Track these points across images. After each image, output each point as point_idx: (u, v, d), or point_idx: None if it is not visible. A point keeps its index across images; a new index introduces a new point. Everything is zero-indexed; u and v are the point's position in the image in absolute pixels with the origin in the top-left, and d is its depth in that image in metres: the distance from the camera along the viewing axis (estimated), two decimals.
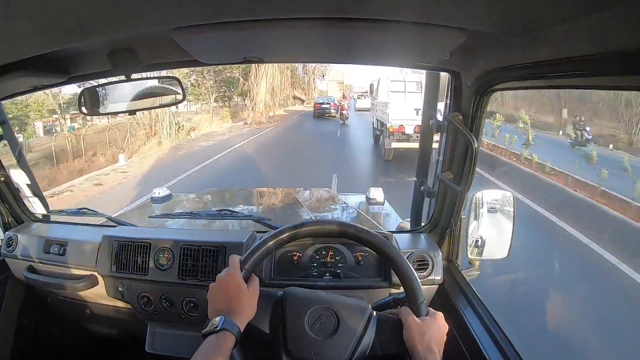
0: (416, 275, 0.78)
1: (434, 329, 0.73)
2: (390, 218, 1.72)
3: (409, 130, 7.73)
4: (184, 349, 1.25)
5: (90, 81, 1.07)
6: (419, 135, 3.91)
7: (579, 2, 0.51)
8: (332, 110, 20.63)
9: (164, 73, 1.02)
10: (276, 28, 0.73)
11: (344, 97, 20.34)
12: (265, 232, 1.23)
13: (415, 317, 0.74)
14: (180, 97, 0.98)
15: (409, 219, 1.46)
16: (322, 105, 21.40)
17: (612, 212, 4.65)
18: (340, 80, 41.01)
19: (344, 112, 18.29)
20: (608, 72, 0.54)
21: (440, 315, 0.77)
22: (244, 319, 0.72)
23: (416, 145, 1.31)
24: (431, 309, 0.77)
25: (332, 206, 1.93)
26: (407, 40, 0.79)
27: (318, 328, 0.75)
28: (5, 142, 1.34)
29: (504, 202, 1.19)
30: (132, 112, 1.03)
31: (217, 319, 0.69)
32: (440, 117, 1.15)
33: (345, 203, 1.94)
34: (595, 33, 0.53)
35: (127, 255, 1.21)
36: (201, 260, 1.15)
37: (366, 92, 29.67)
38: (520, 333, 1.21)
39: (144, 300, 1.21)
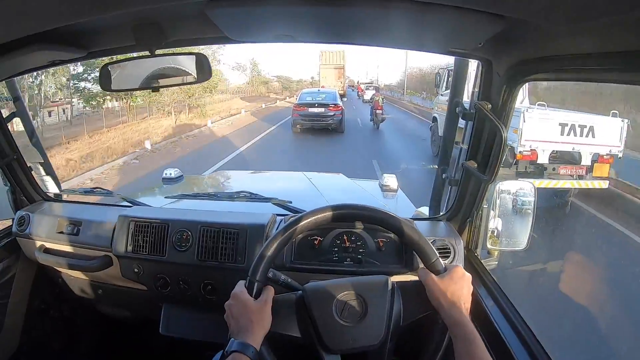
0: (424, 237, 0.77)
1: (455, 283, 0.74)
2: (405, 205, 1.71)
3: (543, 157, 4.80)
4: (200, 332, 1.25)
5: (112, 56, 1.05)
6: (561, 169, 3.77)
7: None
8: (332, 118, 10.68)
9: (189, 49, 0.99)
10: (312, 5, 0.71)
11: (376, 90, 11.78)
12: (286, 215, 1.22)
13: (434, 276, 0.75)
14: (205, 74, 0.95)
15: (424, 207, 1.46)
16: (311, 109, 10.74)
17: None
18: (340, 65, 26.26)
19: (379, 111, 11.52)
20: None
21: (459, 267, 0.77)
22: (256, 335, 0.70)
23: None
24: (448, 263, 0.77)
25: (347, 192, 1.92)
26: (444, 24, 0.76)
27: (347, 315, 0.75)
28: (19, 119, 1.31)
29: (525, 193, 1.19)
30: (155, 89, 1.00)
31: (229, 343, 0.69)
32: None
33: (359, 188, 1.93)
34: None
35: (144, 236, 1.19)
36: (221, 242, 1.14)
37: (370, 84, 26.85)
38: None
39: (160, 282, 1.20)
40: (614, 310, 2.81)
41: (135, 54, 1.00)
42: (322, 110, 10.68)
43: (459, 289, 0.74)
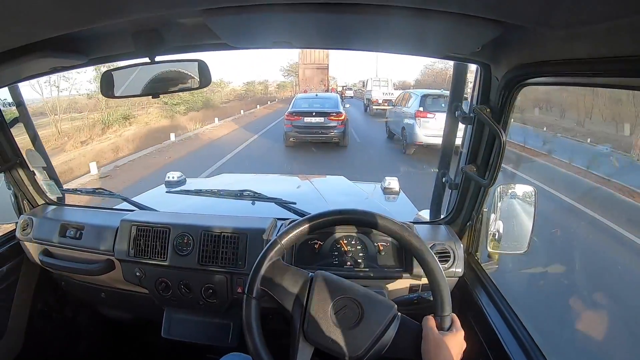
0: (448, 286, 0.77)
1: (453, 347, 0.73)
2: (406, 208, 1.71)
3: (380, 101, 16.93)
4: (201, 335, 1.26)
5: (112, 63, 1.05)
6: (384, 104, 17.35)
7: (627, 1, 0.49)
8: (333, 130, 8.60)
9: (189, 56, 1.00)
10: (307, 12, 0.71)
11: (344, 88, 19.28)
12: (287, 218, 1.22)
13: (437, 332, 0.74)
14: (206, 80, 0.96)
15: (425, 210, 1.45)
16: (308, 119, 8.61)
17: None
18: (323, 64, 22.67)
19: (342, 97, 15.19)
20: None
21: (462, 332, 0.76)
22: None
23: (383, 107, 15.64)
24: (456, 320, 0.77)
25: (349, 194, 1.92)
26: (442, 30, 0.77)
27: (340, 317, 0.75)
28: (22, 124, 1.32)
29: (525, 197, 1.19)
30: (155, 95, 1.00)
31: None
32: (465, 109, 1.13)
33: (360, 191, 1.93)
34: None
35: (146, 240, 1.20)
36: (221, 247, 1.15)
37: (345, 85, 35.82)
38: None
39: (162, 286, 1.21)
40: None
41: (136, 61, 1.01)
42: (321, 120, 8.59)
43: (454, 353, 0.73)
